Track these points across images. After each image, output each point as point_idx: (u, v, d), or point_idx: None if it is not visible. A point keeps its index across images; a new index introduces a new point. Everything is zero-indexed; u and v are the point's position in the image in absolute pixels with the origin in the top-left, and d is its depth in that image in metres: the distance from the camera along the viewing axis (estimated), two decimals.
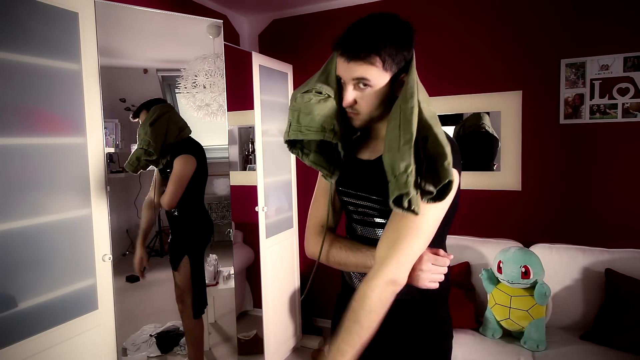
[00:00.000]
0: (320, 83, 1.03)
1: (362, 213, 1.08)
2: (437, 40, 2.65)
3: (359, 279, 1.10)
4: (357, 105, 0.99)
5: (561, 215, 2.44)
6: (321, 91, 1.02)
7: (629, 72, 2.24)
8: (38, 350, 1.37)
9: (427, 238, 0.96)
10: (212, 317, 2.59)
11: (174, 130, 2.10)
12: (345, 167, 1.11)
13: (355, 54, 0.93)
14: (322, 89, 1.02)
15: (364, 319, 0.92)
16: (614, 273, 2.11)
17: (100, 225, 1.58)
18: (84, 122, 1.53)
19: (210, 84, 2.21)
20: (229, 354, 2.51)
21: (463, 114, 2.63)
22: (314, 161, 1.10)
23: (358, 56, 0.93)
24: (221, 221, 2.47)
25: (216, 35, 2.16)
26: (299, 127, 1.02)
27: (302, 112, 1.02)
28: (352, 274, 1.13)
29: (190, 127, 2.17)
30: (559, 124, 2.41)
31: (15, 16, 1.34)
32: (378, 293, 0.92)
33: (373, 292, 0.92)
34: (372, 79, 0.94)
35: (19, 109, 1.37)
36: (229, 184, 2.42)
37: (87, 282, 1.55)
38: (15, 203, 1.35)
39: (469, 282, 2.37)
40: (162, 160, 2.10)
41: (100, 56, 1.57)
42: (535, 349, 1.98)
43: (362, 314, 0.92)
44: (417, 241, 0.94)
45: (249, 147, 3.10)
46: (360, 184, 1.06)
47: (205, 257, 2.39)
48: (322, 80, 1.03)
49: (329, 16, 2.98)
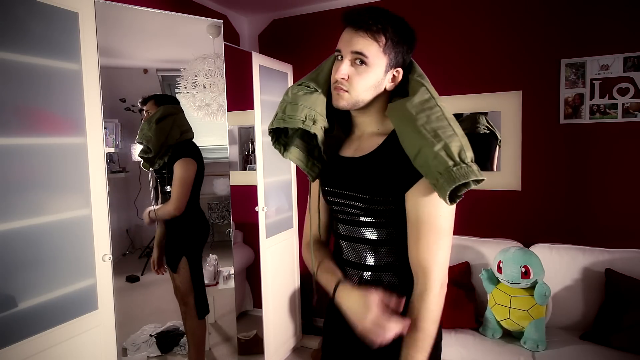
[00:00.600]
0: (310, 79, 1.09)
1: (347, 212, 1.08)
2: (437, 40, 2.65)
3: (347, 275, 1.09)
4: (349, 81, 0.99)
5: (561, 215, 2.44)
6: (309, 85, 1.07)
7: (629, 72, 2.24)
8: (38, 350, 1.37)
9: (451, 233, 0.98)
10: (212, 317, 2.59)
11: (176, 133, 2.10)
12: (329, 166, 1.13)
13: (364, 23, 0.95)
14: (310, 84, 1.07)
15: (432, 329, 0.95)
16: (614, 273, 2.11)
17: (100, 225, 1.58)
18: (84, 122, 1.53)
19: (210, 84, 2.21)
20: (229, 354, 2.51)
21: (463, 114, 2.64)
22: (295, 156, 1.13)
23: (365, 25, 0.95)
24: (221, 221, 2.47)
25: (216, 35, 2.16)
26: (283, 116, 1.05)
27: (289, 103, 1.06)
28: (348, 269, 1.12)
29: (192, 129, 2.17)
30: (559, 124, 2.41)
31: (15, 16, 1.33)
32: (438, 304, 0.96)
33: (434, 305, 0.95)
34: (370, 57, 0.96)
35: (19, 109, 1.37)
36: (229, 184, 2.42)
37: (87, 282, 1.55)
38: (15, 203, 1.35)
39: (469, 282, 2.37)
40: (159, 161, 2.10)
41: (100, 56, 1.57)
42: (535, 349, 1.98)
43: (431, 327, 0.95)
44: (446, 240, 0.96)
45: (249, 147, 3.10)
46: (344, 182, 1.06)
47: (205, 257, 2.39)
48: (313, 77, 1.09)
49: (329, 16, 2.98)
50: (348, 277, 1.09)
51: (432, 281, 0.95)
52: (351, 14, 0.97)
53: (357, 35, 0.96)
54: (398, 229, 1.01)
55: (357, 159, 1.05)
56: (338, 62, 1.01)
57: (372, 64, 0.97)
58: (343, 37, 1.00)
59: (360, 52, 0.96)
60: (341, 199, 1.07)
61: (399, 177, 0.96)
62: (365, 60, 0.96)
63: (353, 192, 1.03)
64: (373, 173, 1.00)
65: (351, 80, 0.99)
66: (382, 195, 0.98)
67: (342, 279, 1.06)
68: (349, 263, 1.10)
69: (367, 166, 1.02)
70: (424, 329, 0.94)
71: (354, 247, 1.08)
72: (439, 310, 0.97)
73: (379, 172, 1.00)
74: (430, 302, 0.95)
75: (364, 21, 0.95)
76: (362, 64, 0.97)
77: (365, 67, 0.97)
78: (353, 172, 1.05)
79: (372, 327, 0.91)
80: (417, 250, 0.96)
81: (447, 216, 0.95)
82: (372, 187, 0.99)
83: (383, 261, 1.04)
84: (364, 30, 0.95)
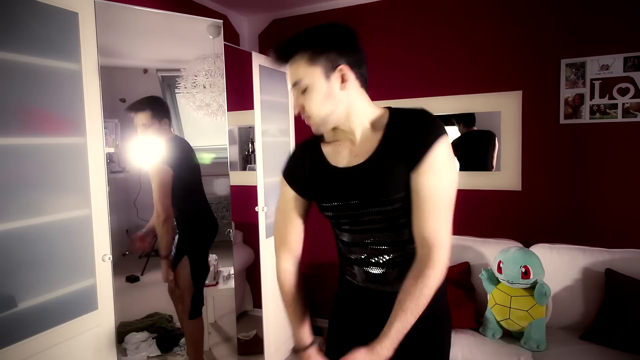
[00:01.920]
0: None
1: (361, 222, 1.06)
2: (437, 40, 2.65)
3: (361, 274, 1.11)
4: (305, 110, 1.02)
5: (561, 215, 2.44)
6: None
7: (629, 72, 2.24)
8: (38, 350, 1.37)
9: (453, 204, 1.00)
10: (212, 317, 2.59)
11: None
12: (328, 181, 1.09)
13: (281, 56, 1.02)
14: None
15: (428, 297, 0.98)
16: (614, 273, 2.11)
17: (100, 225, 1.58)
18: (84, 122, 1.53)
19: (210, 84, 2.21)
20: (229, 354, 2.50)
21: (462, 114, 2.63)
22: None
23: (283, 57, 1.02)
24: (221, 221, 2.47)
25: (216, 35, 2.16)
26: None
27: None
28: (355, 272, 1.13)
29: (190, 127, 2.17)
30: (559, 124, 2.41)
31: (15, 16, 1.33)
32: (440, 275, 0.98)
33: (438, 275, 0.97)
34: (304, 78, 0.99)
35: (18, 109, 1.37)
36: (229, 184, 2.42)
37: (87, 282, 1.55)
38: (15, 203, 1.35)
39: (469, 282, 2.37)
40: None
41: (100, 56, 1.57)
42: (535, 349, 1.98)
43: (429, 293, 0.97)
44: (450, 213, 0.99)
45: (249, 147, 3.10)
46: (359, 193, 1.03)
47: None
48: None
49: (329, 16, 2.98)
50: (366, 274, 1.10)
51: (439, 253, 0.97)
52: (272, 54, 1.03)
53: (288, 69, 1.03)
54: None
55: (366, 163, 1.02)
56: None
57: (310, 83, 0.99)
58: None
59: (294, 82, 1.01)
60: (356, 210, 1.04)
61: (408, 163, 0.97)
62: (302, 83, 1.00)
63: (372, 199, 1.01)
64: (389, 169, 0.99)
65: (306, 107, 1.02)
66: (404, 190, 0.98)
67: (303, 345, 1.16)
68: (366, 263, 1.10)
69: (381, 165, 1.00)
70: (424, 294, 0.97)
71: (370, 250, 1.08)
72: (440, 280, 0.98)
73: (393, 165, 0.99)
74: (434, 271, 0.97)
75: (280, 56, 1.02)
76: (305, 90, 1.01)
77: (308, 90, 1.00)
78: (368, 178, 1.01)
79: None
80: (425, 223, 0.97)
81: (452, 187, 0.98)
82: (394, 184, 0.98)
83: (400, 256, 1.06)
84: (285, 62, 1.02)
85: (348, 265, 1.16)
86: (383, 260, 1.07)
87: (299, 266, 1.21)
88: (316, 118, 1.02)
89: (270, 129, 2.61)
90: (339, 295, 1.22)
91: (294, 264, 1.19)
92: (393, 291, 1.03)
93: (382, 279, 1.08)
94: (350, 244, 1.11)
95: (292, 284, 1.18)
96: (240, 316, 3.15)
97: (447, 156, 0.97)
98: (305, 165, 1.13)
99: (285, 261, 1.19)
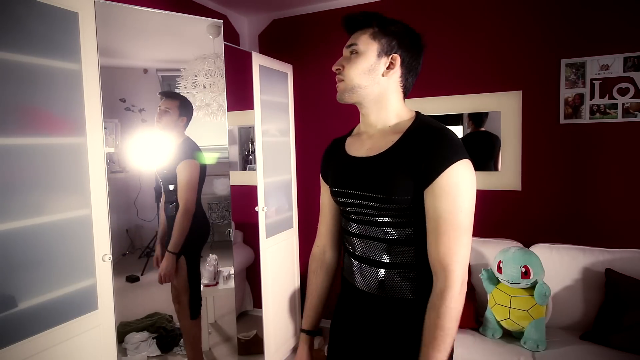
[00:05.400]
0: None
1: (361, 213, 1.07)
2: (437, 40, 2.65)
3: (360, 274, 1.11)
4: (344, 69, 1.06)
5: (561, 215, 2.44)
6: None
7: (629, 72, 2.24)
8: (38, 350, 1.37)
9: (471, 229, 0.99)
10: (212, 317, 2.59)
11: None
12: (339, 167, 1.15)
13: (354, 20, 1.07)
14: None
15: (453, 328, 0.95)
16: (614, 273, 2.11)
17: (100, 225, 1.58)
18: (84, 122, 1.53)
19: (210, 84, 2.21)
20: (229, 354, 2.50)
21: (463, 114, 2.64)
22: None
23: (354, 22, 1.06)
24: (221, 221, 2.47)
25: (216, 35, 2.16)
26: None
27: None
28: (353, 269, 1.13)
29: (190, 127, 2.18)
30: (559, 124, 2.41)
31: (15, 16, 1.33)
32: (459, 302, 0.95)
33: (455, 303, 0.95)
34: (360, 44, 1.04)
35: (19, 109, 1.37)
36: (229, 184, 2.42)
37: (87, 282, 1.55)
38: (15, 203, 1.35)
39: (469, 282, 2.36)
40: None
41: (100, 56, 1.57)
42: (535, 349, 1.98)
43: (451, 325, 0.95)
44: (467, 237, 0.97)
45: (249, 147, 3.10)
46: (359, 182, 1.06)
47: (205, 257, 2.39)
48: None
49: (329, 16, 2.98)
50: (363, 275, 1.10)
51: (453, 279, 0.94)
52: (344, 20, 1.08)
53: (352, 35, 1.08)
54: (415, 227, 1.01)
55: (373, 158, 1.05)
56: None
57: (362, 50, 1.04)
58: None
59: (352, 43, 1.06)
60: (354, 199, 1.07)
61: (418, 175, 0.96)
62: (357, 48, 1.05)
63: (368, 192, 1.03)
64: (391, 171, 1.00)
65: (345, 67, 1.06)
66: (400, 194, 0.98)
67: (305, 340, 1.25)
68: (364, 260, 1.10)
69: (385, 165, 1.02)
70: (445, 327, 0.94)
71: (369, 245, 1.08)
72: (460, 308, 0.96)
73: (397, 170, 0.99)
74: (451, 300, 0.94)
75: (352, 22, 1.07)
76: (354, 54, 1.05)
77: (357, 55, 1.05)
78: (369, 171, 1.05)
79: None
80: (437, 247, 0.96)
81: (468, 212, 0.96)
82: (390, 186, 0.99)
83: (399, 259, 1.04)
84: (354, 26, 1.07)
85: (347, 260, 1.17)
86: (381, 261, 1.06)
87: (333, 257, 1.29)
88: (348, 82, 1.05)
89: (270, 129, 2.61)
90: (340, 298, 1.23)
91: (321, 252, 1.29)
92: (388, 297, 1.04)
93: (379, 281, 1.07)
94: (352, 234, 1.13)
95: (312, 269, 1.30)
96: (240, 316, 3.15)
97: (464, 180, 0.95)
98: (331, 158, 1.22)
99: (315, 247, 1.31)
